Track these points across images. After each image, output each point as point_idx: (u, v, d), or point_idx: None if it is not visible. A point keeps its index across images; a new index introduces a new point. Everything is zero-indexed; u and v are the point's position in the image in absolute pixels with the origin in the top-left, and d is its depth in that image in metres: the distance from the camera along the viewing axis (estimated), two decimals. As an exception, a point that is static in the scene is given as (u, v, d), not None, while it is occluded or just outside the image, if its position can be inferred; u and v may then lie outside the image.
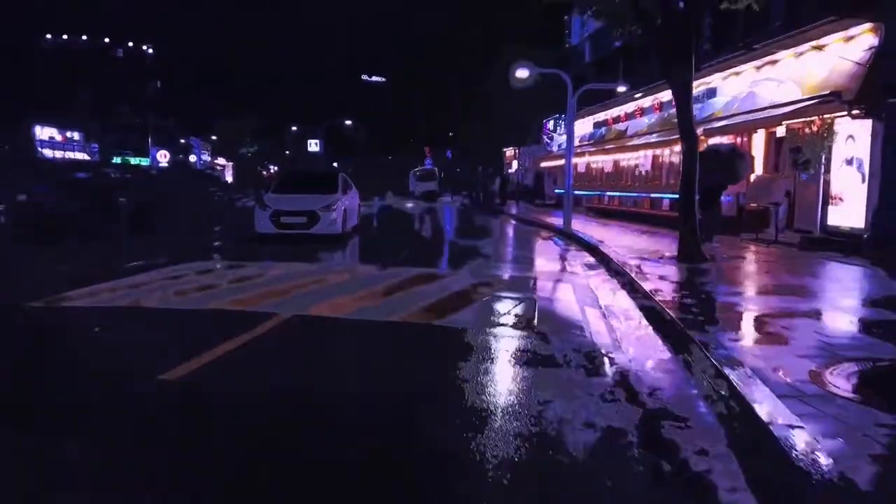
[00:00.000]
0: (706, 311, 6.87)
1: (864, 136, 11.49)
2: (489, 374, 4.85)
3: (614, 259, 11.19)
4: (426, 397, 4.43)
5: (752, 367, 4.58)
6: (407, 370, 5.00)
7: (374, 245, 15.01)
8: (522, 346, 5.66)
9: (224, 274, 9.69)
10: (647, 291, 7.89)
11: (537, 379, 4.77)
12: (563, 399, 4.32)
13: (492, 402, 4.26)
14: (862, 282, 9.03)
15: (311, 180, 16.13)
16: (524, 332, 6.17)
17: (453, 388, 4.53)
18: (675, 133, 17.43)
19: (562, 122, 29.96)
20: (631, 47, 23.82)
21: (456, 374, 4.83)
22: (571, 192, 19.76)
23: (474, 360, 5.25)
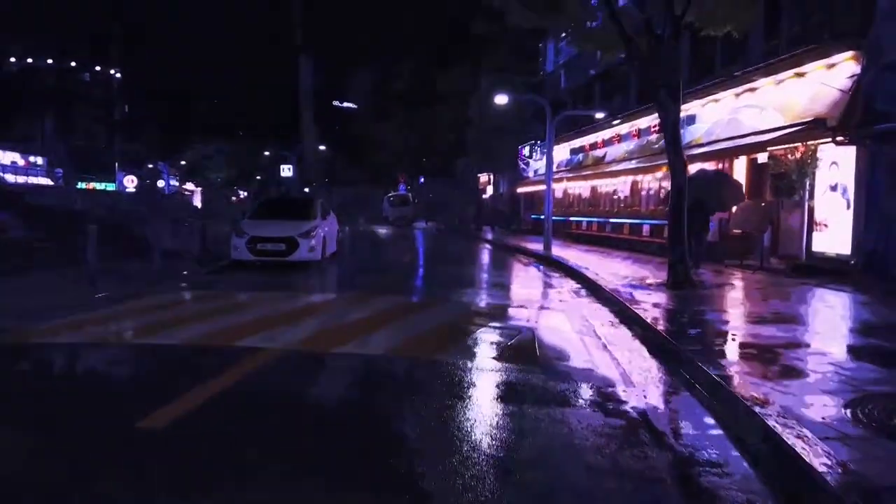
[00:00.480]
0: (711, 342, 6.62)
1: (849, 163, 11.53)
2: (499, 417, 4.48)
3: (604, 286, 10.96)
4: (435, 453, 4.04)
5: (781, 406, 4.30)
6: (410, 415, 4.59)
7: (356, 272, 14.58)
8: (528, 383, 5.31)
9: (200, 304, 9.17)
10: (646, 321, 7.63)
11: (551, 421, 4.41)
12: (584, 444, 3.97)
13: (508, 451, 3.89)
14: (858, 310, 8.90)
15: (290, 206, 15.69)
16: (527, 367, 5.83)
17: (462, 436, 4.15)
18: (655, 160, 17.51)
19: (538, 149, 30.04)
20: (607, 75, 24.04)
21: (465, 417, 4.46)
22: (551, 217, 19.62)
23: (482, 401, 4.89)
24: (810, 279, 11.47)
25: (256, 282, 11.92)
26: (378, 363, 5.94)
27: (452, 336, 7.06)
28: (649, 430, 4.29)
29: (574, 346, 6.87)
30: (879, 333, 7.15)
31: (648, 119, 19.55)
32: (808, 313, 8.69)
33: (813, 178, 12.11)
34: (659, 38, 10.64)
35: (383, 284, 11.88)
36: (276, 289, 10.74)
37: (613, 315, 8.85)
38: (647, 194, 18.74)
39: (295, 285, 11.48)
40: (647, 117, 19.56)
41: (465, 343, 6.81)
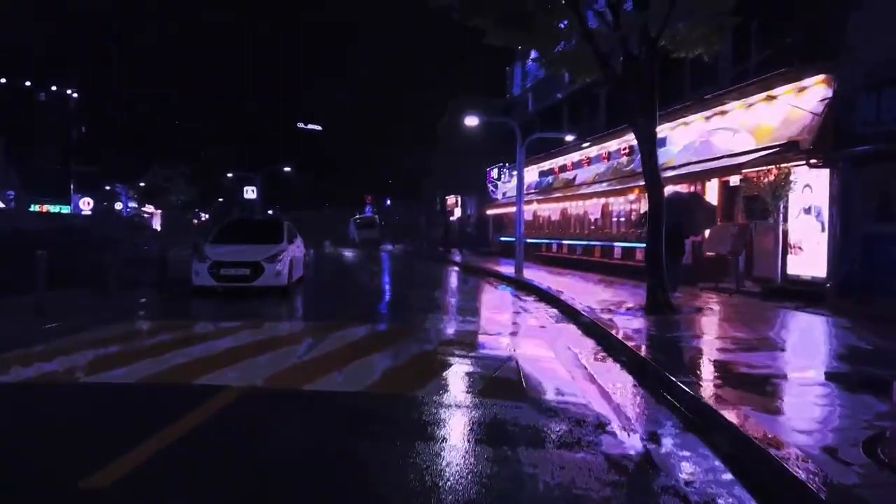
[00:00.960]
0: (705, 373, 6.33)
1: (822, 186, 11.53)
2: (494, 464, 4.05)
3: (582, 312, 10.66)
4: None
5: (797, 447, 3.97)
6: (396, 464, 4.14)
7: (323, 299, 14.05)
8: (519, 422, 4.91)
9: (158, 336, 8.54)
10: (633, 351, 7.32)
11: (550, 466, 4.02)
12: (590, 495, 3.58)
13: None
14: (846, 336, 8.71)
15: (255, 229, 15.09)
16: (515, 403, 5.43)
17: (458, 490, 3.72)
18: (626, 182, 17.45)
19: (506, 171, 29.95)
20: (575, 98, 24.12)
21: (457, 465, 4.03)
22: (522, 240, 19.39)
23: (474, 445, 4.47)
24: (787, 302, 11.36)
25: (220, 310, 11.33)
26: (356, 402, 5.47)
27: (432, 369, 6.64)
28: (657, 475, 3.92)
29: (561, 378, 6.50)
30: (877, 362, 6.95)
31: (618, 142, 19.55)
32: (798, 340, 8.49)
33: (786, 201, 12.08)
34: (635, 58, 10.52)
35: (354, 312, 11.40)
36: (240, 318, 10.17)
37: (596, 343, 8.53)
38: (618, 217, 18.65)
39: (261, 313, 10.92)
40: (617, 140, 19.56)
41: (447, 376, 6.40)
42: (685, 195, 14.16)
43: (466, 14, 11.86)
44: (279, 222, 15.19)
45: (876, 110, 10.18)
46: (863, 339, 8.31)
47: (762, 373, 6.14)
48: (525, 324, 10.54)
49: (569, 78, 23.70)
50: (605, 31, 11.26)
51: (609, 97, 21.28)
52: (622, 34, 10.44)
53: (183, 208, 68.46)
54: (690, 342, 8.08)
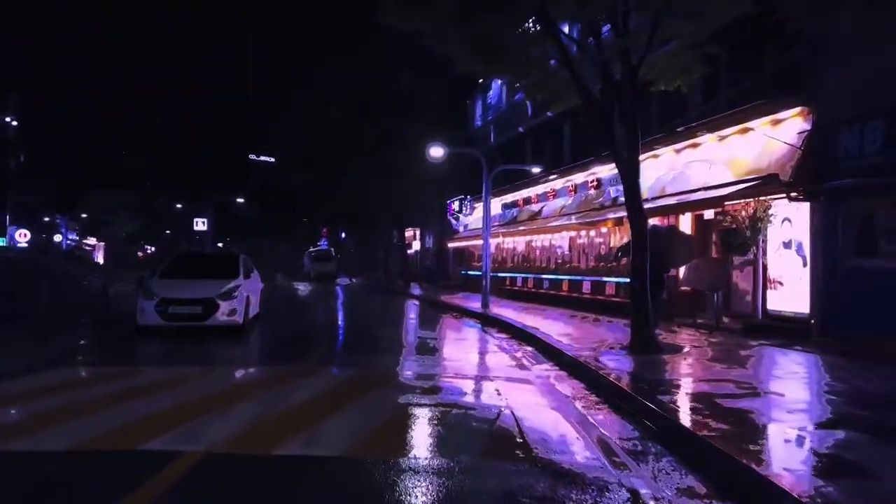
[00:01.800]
0: (726, 426, 5.70)
1: (803, 220, 11.29)
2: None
3: (564, 351, 10.04)
4: None
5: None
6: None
7: (283, 338, 13.05)
8: (533, 491, 4.17)
9: (98, 387, 7.49)
10: (636, 397, 6.67)
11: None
12: None
13: None
14: (842, 377, 8.26)
15: (207, 263, 14.06)
16: (523, 465, 4.72)
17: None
18: (596, 215, 17.09)
19: (468, 203, 29.48)
20: (537, 131, 23.92)
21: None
22: (489, 274, 18.79)
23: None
24: (771, 340, 10.99)
25: (169, 353, 10.29)
26: (337, 470, 4.64)
27: (420, 424, 5.86)
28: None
29: (564, 432, 5.79)
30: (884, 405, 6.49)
31: (584, 174, 19.28)
32: (798, 383, 8.01)
33: (765, 235, 11.81)
34: (617, 84, 10.13)
35: (320, 354, 10.50)
36: (192, 361, 9.17)
37: (587, 387, 7.87)
38: (587, 251, 18.26)
39: (215, 357, 9.92)
40: (583, 172, 19.29)
41: (439, 434, 5.62)
42: (662, 228, 13.81)
43: (437, 39, 11.36)
44: (234, 255, 14.18)
45: (859, 143, 10.00)
46: (872, 382, 7.89)
47: (778, 421, 5.57)
48: (505, 365, 9.82)
49: (532, 111, 23.57)
50: (583, 58, 10.89)
51: (574, 130, 21.12)
52: (603, 59, 10.04)
53: (127, 241, 65.82)
54: (692, 387, 7.50)
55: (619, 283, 16.46)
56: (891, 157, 9.49)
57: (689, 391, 7.24)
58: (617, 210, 15.97)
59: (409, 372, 8.88)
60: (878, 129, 9.68)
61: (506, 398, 7.11)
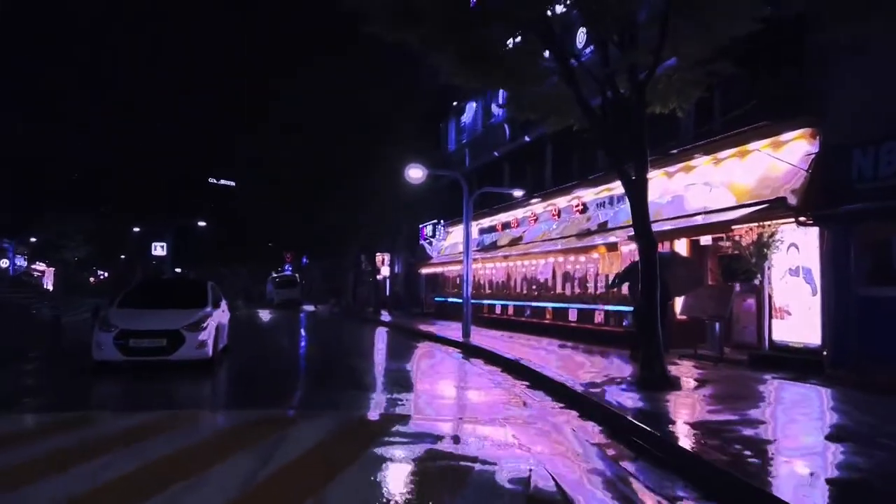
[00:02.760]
0: (775, 473, 4.93)
1: (812, 245, 10.79)
2: None
3: (570, 387, 9.22)
4: None
5: None
6: None
7: (255, 374, 11.93)
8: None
9: (41, 442, 6.30)
10: (683, 449, 5.87)
11: None
12: None
13: None
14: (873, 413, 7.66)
15: (172, 291, 12.88)
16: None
17: None
18: (585, 240, 16.43)
19: (441, 228, 28.72)
20: (516, 155, 23.37)
21: None
22: (470, 301, 17.95)
23: None
24: (780, 373, 10.39)
25: (129, 393, 9.14)
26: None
27: (446, 489, 4.91)
28: None
29: (613, 494, 4.92)
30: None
31: (567, 198, 18.72)
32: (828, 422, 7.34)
33: (770, 261, 11.27)
34: (624, 100, 9.50)
35: (303, 395, 9.46)
36: (157, 404, 8.06)
37: (608, 432, 7.05)
38: (573, 277, 17.59)
39: (183, 398, 8.82)
40: (565, 196, 18.74)
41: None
42: (665, 253, 13.22)
43: (429, 46, 10.64)
44: (202, 282, 13.05)
45: (874, 165, 9.56)
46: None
47: (856, 478, 4.83)
48: (506, 403, 8.93)
49: (510, 134, 23.06)
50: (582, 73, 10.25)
51: (557, 152, 20.61)
52: (609, 73, 9.42)
53: (79, 266, 62.99)
54: (726, 431, 6.73)
55: (609, 311, 15.80)
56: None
57: (727, 436, 6.48)
58: (606, 235, 15.39)
59: (405, 415, 7.93)
60: (894, 152, 9.24)
61: (527, 447, 6.22)
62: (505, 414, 8.09)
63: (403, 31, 10.60)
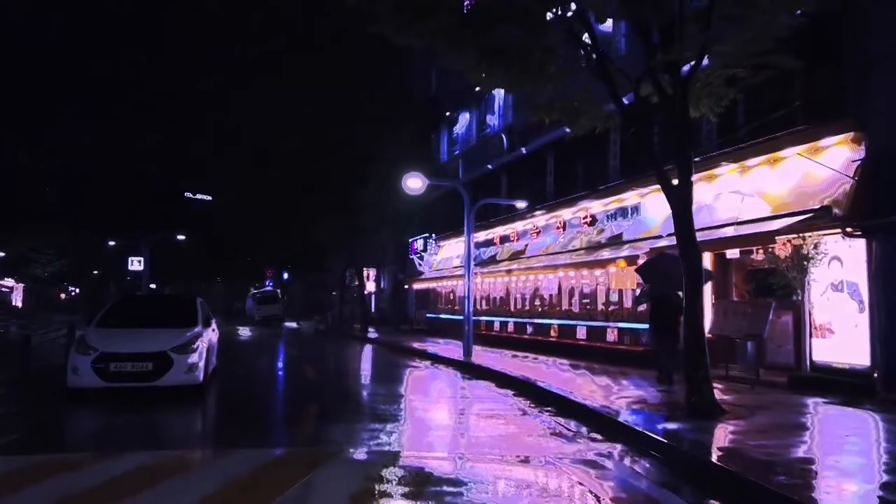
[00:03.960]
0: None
1: (858, 258, 9.99)
2: None
3: (612, 417, 8.27)
4: None
5: None
6: None
7: (250, 401, 10.77)
8: None
9: (4, 496, 5.16)
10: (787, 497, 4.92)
11: None
12: None
13: None
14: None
15: (158, 308, 11.69)
16: None
17: None
18: (594, 254, 15.55)
19: (432, 242, 27.76)
20: (514, 166, 22.55)
21: None
22: (471, 318, 16.95)
23: None
24: (828, 397, 9.57)
25: (110, 430, 7.98)
26: None
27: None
28: None
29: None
30: None
31: (571, 210, 17.91)
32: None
33: (810, 276, 10.47)
34: (668, 98, 8.65)
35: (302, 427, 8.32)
36: (142, 441, 6.92)
37: (677, 472, 6.09)
38: (582, 292, 16.70)
39: (170, 432, 7.68)
40: (570, 209, 17.93)
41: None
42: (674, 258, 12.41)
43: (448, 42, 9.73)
44: (190, 298, 11.87)
45: (935, 171, 8.82)
46: None
47: None
48: (543, 435, 7.93)
49: (508, 144, 22.23)
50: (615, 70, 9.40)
51: (559, 163, 19.82)
52: (652, 66, 8.56)
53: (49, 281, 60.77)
54: (830, 472, 5.81)
55: (623, 328, 14.90)
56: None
57: (835, 479, 5.56)
58: (622, 248, 14.54)
59: (435, 455, 6.91)
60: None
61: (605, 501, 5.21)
62: (551, 451, 7.08)
63: (413, 30, 9.74)
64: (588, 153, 17.89)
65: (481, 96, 24.80)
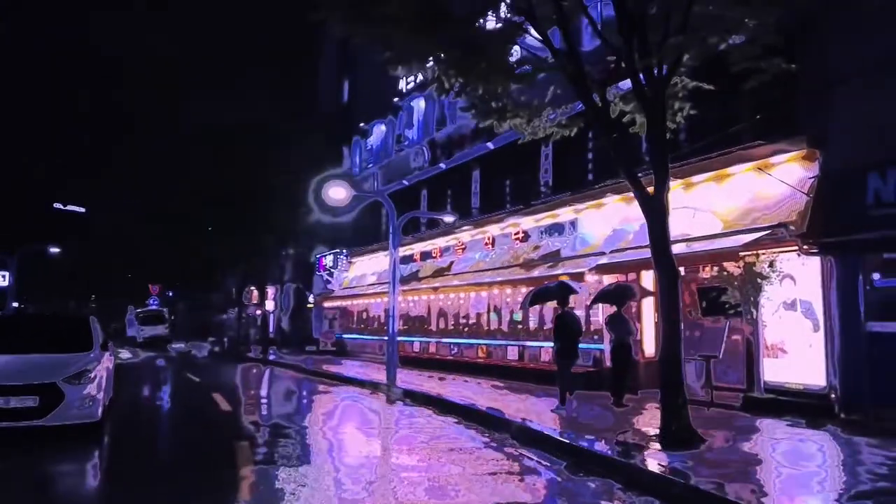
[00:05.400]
0: None
1: (812, 277, 9.89)
2: None
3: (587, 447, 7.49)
4: None
5: None
6: None
7: (157, 444, 9.11)
8: None
9: None
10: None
11: None
12: None
13: None
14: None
15: (43, 330, 9.61)
16: None
17: None
18: (532, 271, 14.88)
19: (343, 258, 26.36)
20: (435, 179, 21.74)
21: None
22: (396, 338, 15.84)
23: None
24: (787, 418, 9.36)
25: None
26: None
27: None
28: None
29: None
30: None
31: (499, 226, 17.27)
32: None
33: (758, 294, 10.26)
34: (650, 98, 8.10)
35: (222, 478, 6.88)
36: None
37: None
38: (514, 311, 16.01)
39: (62, 494, 6.03)
40: (498, 224, 17.29)
41: None
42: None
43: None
44: (84, 319, 9.93)
45: (895, 190, 8.80)
46: None
47: None
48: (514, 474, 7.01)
49: (429, 157, 21.41)
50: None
51: (485, 177, 19.20)
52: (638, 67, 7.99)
53: None
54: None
55: (560, 349, 14.29)
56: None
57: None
58: (560, 265, 13.99)
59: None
60: (923, 174, 8.53)
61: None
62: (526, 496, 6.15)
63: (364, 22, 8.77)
64: (517, 168, 17.38)
65: (399, 108, 23.90)
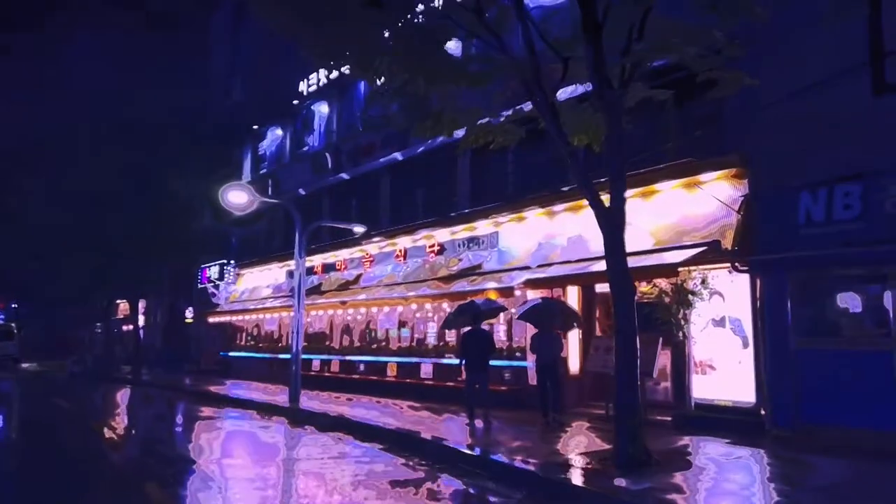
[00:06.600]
0: None
1: (741, 294, 9.97)
2: None
3: (540, 473, 6.91)
4: None
5: None
6: None
7: (38, 494, 7.50)
8: None
9: None
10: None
11: None
12: None
13: None
14: None
15: None
16: None
17: None
18: (452, 285, 14.22)
19: (231, 270, 24.48)
20: (339, 188, 20.68)
21: None
22: (300, 356, 14.68)
23: None
24: (714, 435, 9.32)
25: None
26: None
27: None
28: None
29: None
30: None
31: (410, 238, 16.58)
32: None
33: (694, 311, 10.27)
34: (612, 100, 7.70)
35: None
36: None
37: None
38: (429, 327, 15.29)
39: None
40: (410, 236, 16.59)
41: None
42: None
43: None
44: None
45: (826, 208, 9.03)
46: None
47: None
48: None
49: (332, 163, 20.35)
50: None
51: (395, 187, 18.42)
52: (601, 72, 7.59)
53: None
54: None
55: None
56: (867, 226, 8.62)
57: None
58: (484, 279, 13.48)
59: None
60: (853, 194, 8.78)
61: None
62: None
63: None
64: (432, 178, 16.80)
65: (297, 111, 22.61)
